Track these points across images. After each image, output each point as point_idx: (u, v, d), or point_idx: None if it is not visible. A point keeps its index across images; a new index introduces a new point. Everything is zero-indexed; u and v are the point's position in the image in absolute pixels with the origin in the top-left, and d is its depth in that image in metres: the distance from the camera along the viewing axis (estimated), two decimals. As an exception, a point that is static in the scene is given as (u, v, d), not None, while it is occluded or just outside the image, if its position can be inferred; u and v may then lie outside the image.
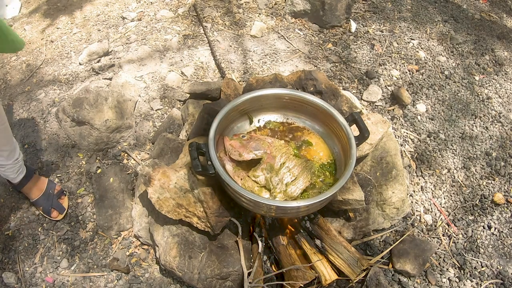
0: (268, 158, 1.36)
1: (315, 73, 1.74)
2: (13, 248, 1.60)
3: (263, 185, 1.32)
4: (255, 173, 1.33)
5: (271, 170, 1.33)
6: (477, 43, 2.62)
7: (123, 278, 1.53)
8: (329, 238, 1.49)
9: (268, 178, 1.32)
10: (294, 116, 1.59)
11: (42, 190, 1.67)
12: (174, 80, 2.19)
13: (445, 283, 1.61)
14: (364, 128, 1.38)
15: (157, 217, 1.51)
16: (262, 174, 1.33)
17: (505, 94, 2.33)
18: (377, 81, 2.28)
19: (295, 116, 1.58)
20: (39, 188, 1.67)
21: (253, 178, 1.33)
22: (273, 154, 1.37)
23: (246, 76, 2.25)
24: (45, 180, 1.71)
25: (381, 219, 1.67)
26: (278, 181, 1.32)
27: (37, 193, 1.66)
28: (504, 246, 1.73)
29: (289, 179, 1.33)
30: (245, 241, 1.48)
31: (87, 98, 1.84)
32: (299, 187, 1.32)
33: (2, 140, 1.46)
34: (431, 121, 2.14)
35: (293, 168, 1.35)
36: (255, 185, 1.32)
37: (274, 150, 1.38)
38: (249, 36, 2.49)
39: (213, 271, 1.39)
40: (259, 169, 1.34)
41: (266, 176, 1.32)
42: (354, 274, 1.44)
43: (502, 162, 2.00)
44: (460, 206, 1.85)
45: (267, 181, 1.32)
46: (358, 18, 2.69)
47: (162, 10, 2.64)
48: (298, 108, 1.55)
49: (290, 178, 1.33)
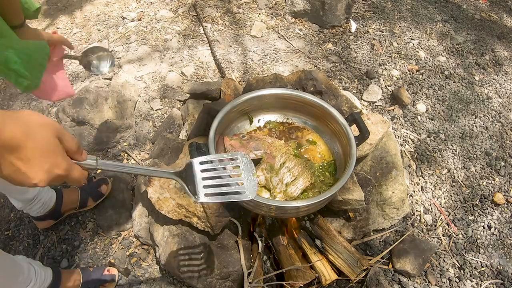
0: (268, 158, 1.36)
1: (315, 73, 1.74)
2: (13, 248, 1.60)
3: (263, 185, 1.32)
4: (255, 174, 1.33)
5: (271, 170, 1.34)
6: (477, 43, 2.62)
7: (123, 278, 1.53)
8: (329, 238, 1.49)
9: (268, 178, 1.32)
10: (294, 116, 1.59)
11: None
12: (174, 80, 2.19)
13: (445, 283, 1.61)
14: (364, 128, 1.38)
15: (157, 217, 1.51)
16: (262, 174, 1.33)
17: (505, 94, 2.33)
18: (377, 81, 2.28)
19: (295, 116, 1.58)
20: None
21: None
22: (273, 154, 1.37)
23: (246, 76, 2.25)
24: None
25: (381, 219, 1.67)
26: (278, 181, 1.32)
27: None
28: (504, 246, 1.73)
29: (289, 179, 1.33)
30: (245, 241, 1.48)
31: (87, 98, 1.84)
32: (299, 187, 1.32)
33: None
34: (431, 121, 2.14)
35: (293, 168, 1.35)
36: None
37: (274, 150, 1.39)
38: (249, 36, 2.49)
39: (213, 271, 1.39)
40: (259, 169, 1.34)
41: (266, 176, 1.33)
42: (354, 274, 1.43)
43: (502, 162, 2.00)
44: (460, 206, 1.85)
45: (267, 181, 1.32)
46: (358, 18, 2.69)
47: (162, 10, 2.64)
48: (298, 108, 1.55)
49: (290, 178, 1.33)
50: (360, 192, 1.48)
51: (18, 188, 1.36)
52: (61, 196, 1.57)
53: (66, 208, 1.61)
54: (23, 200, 1.42)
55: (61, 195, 1.57)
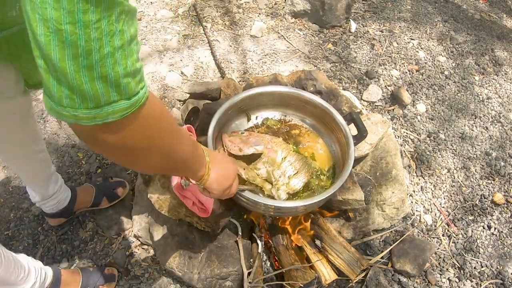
0: (269, 152, 1.36)
1: (315, 73, 1.74)
2: (13, 248, 1.60)
3: (265, 178, 1.33)
4: (256, 166, 1.33)
5: (272, 164, 1.34)
6: (477, 43, 2.62)
7: (123, 278, 1.53)
8: (329, 238, 1.49)
9: (270, 172, 1.32)
10: (292, 114, 1.59)
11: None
12: (174, 80, 2.19)
13: (445, 283, 1.61)
14: (363, 127, 1.38)
15: (157, 217, 1.51)
16: (264, 167, 1.33)
17: (505, 94, 2.34)
18: (377, 81, 2.28)
19: (293, 114, 1.59)
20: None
21: (255, 170, 1.33)
22: (274, 149, 1.37)
23: (246, 76, 2.25)
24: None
25: (381, 219, 1.67)
26: (280, 174, 1.32)
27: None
28: (504, 246, 1.73)
29: (291, 172, 1.33)
30: (245, 241, 1.48)
31: (87, 98, 1.84)
32: (301, 180, 1.33)
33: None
34: (431, 121, 2.14)
35: (294, 162, 1.35)
36: (257, 177, 1.32)
37: (275, 146, 1.39)
38: (249, 36, 2.49)
39: (213, 271, 1.39)
40: (260, 162, 1.34)
41: (268, 169, 1.33)
42: (354, 274, 1.44)
43: (502, 162, 2.00)
44: (460, 206, 1.85)
45: (268, 174, 1.32)
46: (358, 18, 2.69)
47: (162, 10, 2.64)
48: (297, 106, 1.55)
49: (292, 171, 1.33)
50: (360, 192, 1.48)
51: (42, 182, 1.40)
52: (75, 195, 1.58)
53: (79, 207, 1.61)
54: (43, 194, 1.44)
55: (75, 194, 1.58)
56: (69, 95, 0.50)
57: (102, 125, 0.53)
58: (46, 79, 0.49)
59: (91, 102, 0.50)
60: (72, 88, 0.49)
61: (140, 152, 0.63)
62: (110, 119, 0.53)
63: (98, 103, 0.51)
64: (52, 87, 0.50)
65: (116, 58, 0.49)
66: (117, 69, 0.50)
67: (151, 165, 0.69)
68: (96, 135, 0.55)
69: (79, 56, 0.46)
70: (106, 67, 0.49)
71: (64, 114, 0.52)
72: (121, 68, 0.50)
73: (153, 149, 0.64)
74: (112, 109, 0.52)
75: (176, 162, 0.75)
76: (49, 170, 1.41)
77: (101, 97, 0.50)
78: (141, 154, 0.63)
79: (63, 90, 0.49)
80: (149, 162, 0.67)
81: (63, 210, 1.55)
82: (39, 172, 1.36)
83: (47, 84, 0.50)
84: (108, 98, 0.51)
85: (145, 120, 0.58)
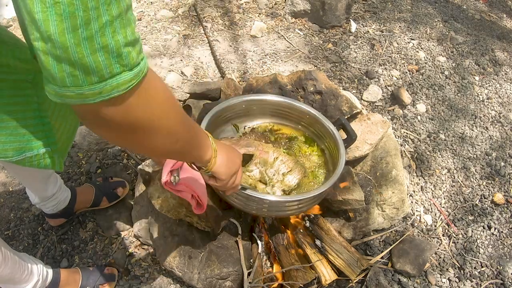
0: (260, 154, 1.36)
1: (315, 73, 1.74)
2: (13, 248, 1.60)
3: (258, 179, 1.34)
4: (248, 168, 1.34)
5: (265, 164, 1.35)
6: (477, 43, 2.62)
7: (123, 278, 1.53)
8: (329, 238, 1.49)
9: (263, 171, 1.33)
10: (280, 122, 1.61)
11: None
12: (174, 80, 2.19)
13: (445, 283, 1.61)
14: (352, 131, 1.42)
15: (157, 217, 1.51)
16: (256, 168, 1.34)
17: (505, 94, 2.34)
18: (377, 81, 2.28)
19: (281, 123, 1.61)
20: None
21: (247, 172, 1.34)
22: (265, 150, 1.38)
23: (246, 76, 2.25)
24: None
25: (381, 219, 1.67)
26: (274, 172, 1.33)
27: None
28: (504, 246, 1.73)
29: (285, 170, 1.35)
30: (245, 241, 1.48)
31: (87, 98, 1.84)
32: (295, 177, 1.35)
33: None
34: (431, 121, 2.14)
35: (287, 161, 1.38)
36: (249, 178, 1.33)
37: (266, 148, 1.40)
38: (249, 36, 2.49)
39: (213, 271, 1.39)
40: (252, 164, 1.35)
41: (261, 169, 1.33)
42: (354, 274, 1.43)
43: (502, 162, 2.00)
44: (460, 206, 1.85)
45: (261, 174, 1.33)
46: (358, 18, 2.69)
47: (162, 10, 2.64)
48: (285, 115, 1.57)
49: (285, 169, 1.35)
50: (360, 192, 1.48)
51: (41, 183, 1.40)
52: (75, 196, 1.57)
53: (79, 208, 1.61)
54: (41, 196, 1.44)
55: (75, 194, 1.57)
56: (71, 72, 0.49)
57: (108, 101, 0.53)
58: (46, 61, 0.49)
59: (95, 75, 0.50)
60: (74, 63, 0.48)
61: (145, 130, 0.62)
62: (115, 93, 0.53)
63: (102, 76, 0.50)
64: (52, 69, 0.49)
65: (115, 26, 0.49)
66: (117, 38, 0.50)
67: (156, 144, 0.67)
68: (101, 112, 0.55)
69: (79, 27, 0.46)
70: (106, 36, 0.49)
71: (68, 95, 0.51)
72: (121, 37, 0.50)
73: (158, 126, 0.64)
74: (117, 82, 0.52)
75: (181, 142, 0.73)
76: (47, 171, 1.41)
77: (104, 69, 0.50)
78: (146, 132, 0.63)
79: (64, 69, 0.49)
80: (154, 141, 0.66)
81: (63, 211, 1.55)
82: (37, 173, 1.36)
83: (47, 67, 0.49)
84: (111, 69, 0.51)
85: (149, 94, 0.58)
